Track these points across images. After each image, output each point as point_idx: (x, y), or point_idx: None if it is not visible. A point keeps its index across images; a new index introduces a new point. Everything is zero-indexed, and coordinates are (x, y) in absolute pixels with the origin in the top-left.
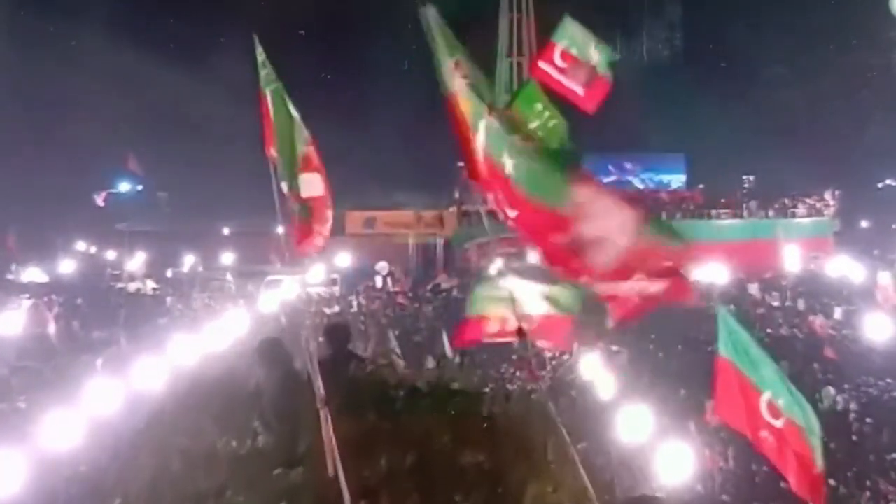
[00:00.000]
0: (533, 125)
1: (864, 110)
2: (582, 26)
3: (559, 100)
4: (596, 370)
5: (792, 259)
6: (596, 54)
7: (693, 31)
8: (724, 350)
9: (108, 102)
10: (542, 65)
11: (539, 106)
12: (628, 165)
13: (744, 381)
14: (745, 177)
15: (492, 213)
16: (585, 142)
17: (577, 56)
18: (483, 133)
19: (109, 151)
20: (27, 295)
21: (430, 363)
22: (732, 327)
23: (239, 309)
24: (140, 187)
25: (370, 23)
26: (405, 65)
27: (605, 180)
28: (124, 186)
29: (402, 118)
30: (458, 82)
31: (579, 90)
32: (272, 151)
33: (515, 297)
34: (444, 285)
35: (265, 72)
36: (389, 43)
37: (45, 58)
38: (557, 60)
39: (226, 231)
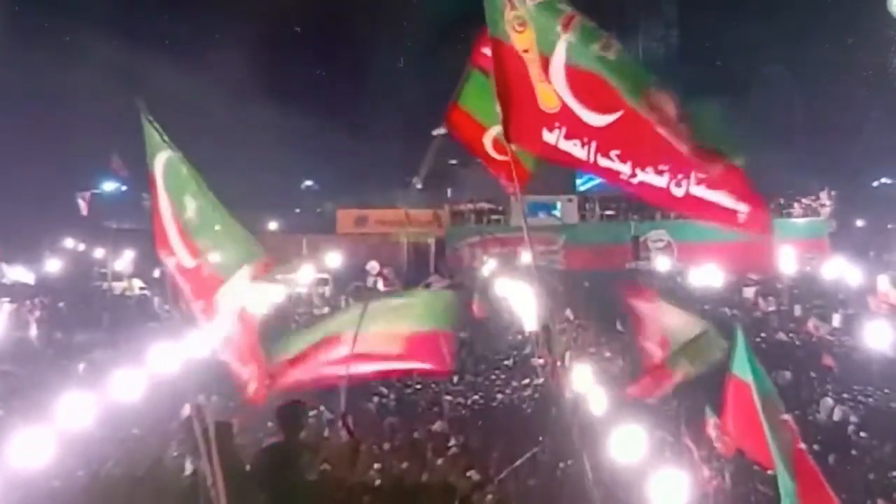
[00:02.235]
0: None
1: (859, 109)
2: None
3: None
4: (587, 382)
5: (787, 260)
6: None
7: (689, 30)
8: (738, 371)
9: (93, 101)
10: (485, 51)
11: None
12: None
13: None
14: None
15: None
16: None
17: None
18: (563, 49)
19: (93, 151)
20: (8, 298)
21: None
22: (746, 348)
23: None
24: (125, 188)
25: (366, 21)
26: (400, 62)
27: (598, 180)
28: (108, 186)
29: (396, 115)
30: (518, 13)
31: None
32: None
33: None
34: (435, 286)
35: (164, 154)
36: (385, 41)
37: (29, 56)
38: None
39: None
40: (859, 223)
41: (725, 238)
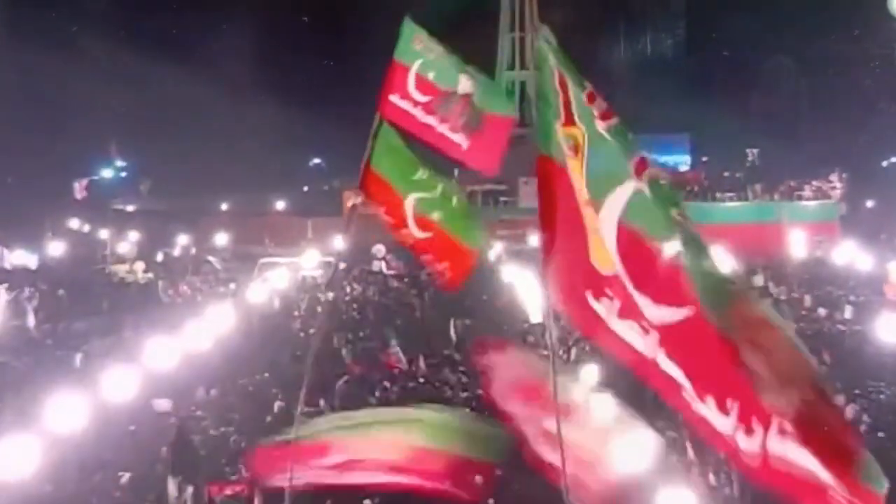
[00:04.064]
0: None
1: (868, 91)
2: (431, 36)
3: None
4: (593, 387)
5: (797, 243)
6: (467, 83)
7: (696, 21)
8: None
9: (92, 90)
10: (395, 100)
11: (416, 171)
12: None
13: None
14: (748, 150)
15: None
16: None
17: (438, 84)
18: (623, 200)
19: (93, 138)
20: (7, 284)
21: (422, 364)
22: None
23: (228, 296)
24: (124, 174)
25: (371, 9)
26: None
27: None
28: (107, 173)
29: None
30: (571, 133)
31: (459, 140)
32: None
33: None
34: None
35: None
36: (391, 29)
37: (27, 48)
38: (413, 91)
39: (224, 206)
40: (869, 204)
41: (736, 220)
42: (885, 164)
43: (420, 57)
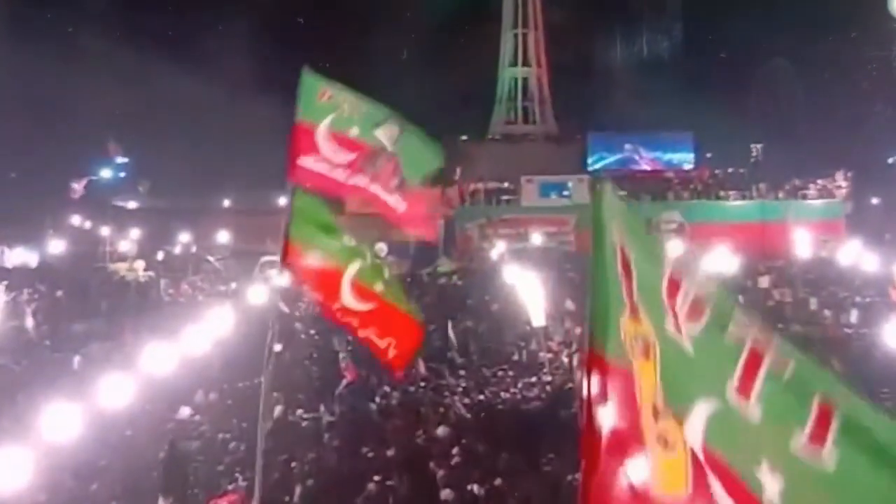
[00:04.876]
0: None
1: (866, 96)
2: (347, 88)
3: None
4: None
5: (802, 242)
6: (390, 132)
7: (693, 23)
8: None
9: (92, 89)
10: (309, 164)
11: (342, 238)
12: (628, 146)
13: None
14: (752, 146)
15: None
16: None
17: (363, 141)
18: (704, 418)
19: (93, 137)
20: (6, 282)
21: (422, 367)
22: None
23: (229, 295)
24: (123, 173)
25: (370, 12)
26: (404, 53)
27: (613, 158)
28: (106, 172)
29: (402, 95)
30: (642, 331)
31: (394, 203)
32: None
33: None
34: (443, 269)
35: None
36: (390, 28)
37: (27, 47)
38: (330, 152)
39: (226, 203)
40: (875, 201)
41: (740, 218)
42: (890, 161)
43: (330, 112)
